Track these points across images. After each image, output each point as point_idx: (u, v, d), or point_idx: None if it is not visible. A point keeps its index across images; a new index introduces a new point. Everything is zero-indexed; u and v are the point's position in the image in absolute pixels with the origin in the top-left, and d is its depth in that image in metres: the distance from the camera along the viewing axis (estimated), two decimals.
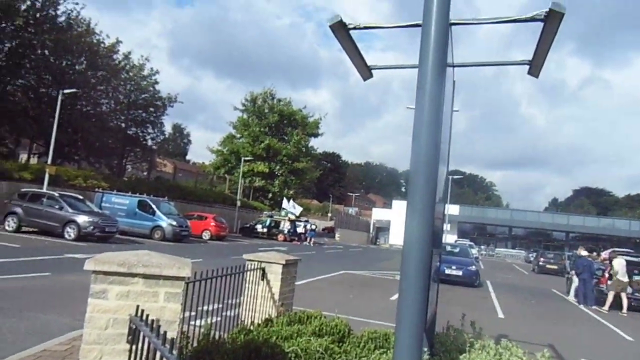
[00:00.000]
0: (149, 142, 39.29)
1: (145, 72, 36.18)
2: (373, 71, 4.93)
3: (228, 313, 5.31)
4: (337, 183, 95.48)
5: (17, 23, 25.00)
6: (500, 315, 12.57)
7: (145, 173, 45.46)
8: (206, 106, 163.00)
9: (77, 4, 29.03)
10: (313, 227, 42.27)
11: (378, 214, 73.76)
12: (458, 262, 18.96)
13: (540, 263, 35.43)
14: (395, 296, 12.77)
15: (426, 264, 2.61)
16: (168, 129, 57.52)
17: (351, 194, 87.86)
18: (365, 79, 5.03)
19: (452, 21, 3.46)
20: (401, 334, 2.54)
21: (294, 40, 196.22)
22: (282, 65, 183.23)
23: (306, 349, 4.16)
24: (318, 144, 63.09)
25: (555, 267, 33.94)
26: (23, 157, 34.67)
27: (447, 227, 45.73)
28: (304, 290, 11.50)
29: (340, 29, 4.15)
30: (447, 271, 17.80)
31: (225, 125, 55.61)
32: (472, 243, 45.27)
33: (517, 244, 70.75)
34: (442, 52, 2.83)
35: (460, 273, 18.27)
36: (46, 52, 28.70)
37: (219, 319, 5.05)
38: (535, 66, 4.10)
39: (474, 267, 19.35)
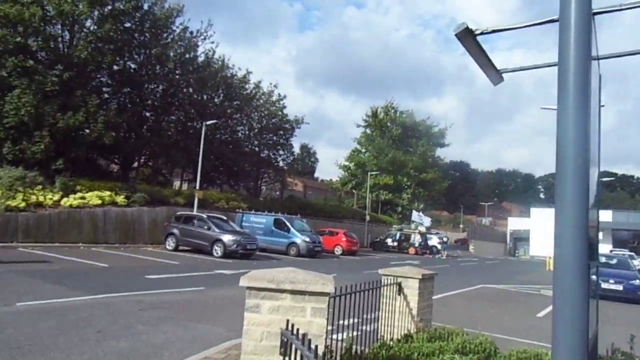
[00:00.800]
0: (280, 163, 41.71)
1: (274, 98, 38.71)
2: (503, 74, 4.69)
3: (366, 328, 5.37)
4: (468, 192, 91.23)
5: (169, 66, 28.78)
6: None
7: (278, 193, 48.24)
8: (332, 124, 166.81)
9: (212, 42, 32.29)
10: (445, 239, 40.82)
11: (514, 224, 68.67)
12: (617, 275, 16.75)
13: None
14: (543, 312, 11.76)
15: (583, 278, 2.37)
16: (296, 149, 60.55)
17: (483, 203, 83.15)
18: (495, 84, 4.80)
19: (595, 10, 3.15)
20: (559, 358, 2.34)
21: (415, 50, 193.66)
22: (405, 76, 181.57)
23: None
24: (445, 154, 61.20)
25: None
26: (176, 184, 39.20)
27: (600, 235, 40.77)
28: (440, 305, 11.13)
29: (467, 36, 4.04)
30: (604, 285, 15.81)
31: (350, 141, 56.92)
32: (632, 253, 39.67)
33: None
34: (585, 46, 2.59)
35: (620, 287, 16.13)
36: (190, 89, 32.38)
37: (357, 333, 5.13)
38: None
39: (637, 280, 16.94)
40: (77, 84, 23.78)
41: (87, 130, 24.16)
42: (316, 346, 2.20)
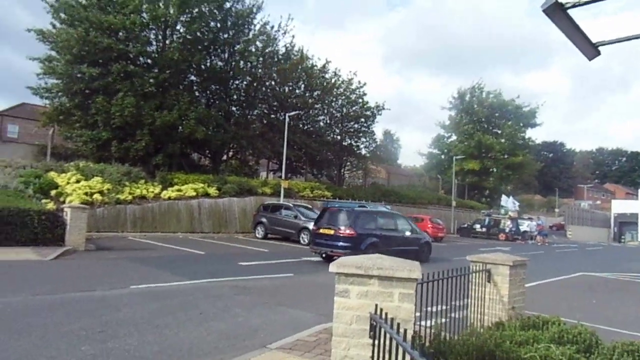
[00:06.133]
0: (363, 151, 41.70)
1: (354, 86, 38.69)
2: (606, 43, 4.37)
3: (455, 315, 5.33)
4: (563, 174, 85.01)
5: (252, 62, 29.92)
6: None
7: (361, 180, 48.32)
8: (421, 106, 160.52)
9: (292, 36, 32.88)
10: (541, 223, 38.56)
11: (619, 206, 62.93)
12: None
13: None
14: None
15: None
16: (379, 135, 60.14)
17: (582, 185, 77.11)
18: (591, 59, 4.50)
19: None
20: None
21: (514, 20, 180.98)
22: (503, 50, 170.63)
23: (546, 356, 3.89)
24: (537, 134, 57.32)
25: None
26: (262, 174, 40.75)
27: None
28: (534, 293, 10.66)
29: (557, 11, 3.83)
30: None
31: (438, 125, 55.18)
32: None
33: None
34: None
35: None
36: (272, 82, 33.39)
37: (446, 320, 5.11)
38: None
39: None
40: (170, 84, 25.54)
41: (180, 127, 25.88)
42: (405, 330, 2.28)
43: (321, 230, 15.05)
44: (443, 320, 5.05)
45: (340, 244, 14.25)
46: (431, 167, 56.07)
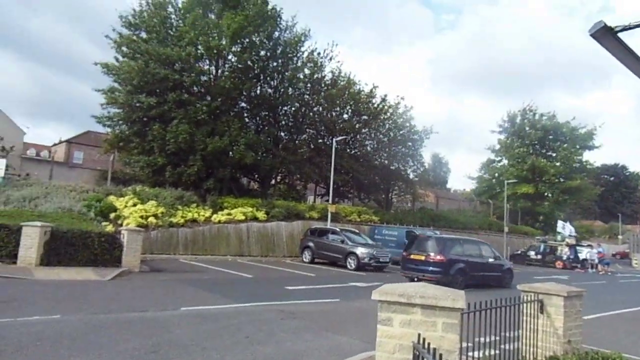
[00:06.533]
0: (411, 175, 41.22)
1: (401, 110, 38.60)
2: None
3: (506, 346, 5.13)
4: (626, 199, 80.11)
5: (300, 88, 30.67)
6: None
7: (409, 205, 47.60)
8: (471, 129, 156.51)
9: (338, 62, 33.46)
10: (600, 250, 36.36)
11: None
12: None
13: None
14: None
15: None
16: (427, 159, 59.39)
17: None
18: None
19: None
20: None
21: (569, 40, 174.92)
22: (558, 71, 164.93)
23: None
24: (596, 157, 54.86)
25: None
26: (310, 198, 41.03)
27: None
28: (594, 326, 10.07)
29: (606, 35, 3.74)
30: None
31: (490, 147, 53.98)
32: None
33: None
34: None
35: None
36: (320, 108, 33.94)
37: (496, 352, 4.94)
38: None
39: None
40: (222, 111, 26.53)
41: (231, 153, 26.70)
42: None
43: (412, 256, 16.05)
44: (493, 351, 4.89)
45: (431, 269, 15.14)
46: (481, 192, 54.56)
